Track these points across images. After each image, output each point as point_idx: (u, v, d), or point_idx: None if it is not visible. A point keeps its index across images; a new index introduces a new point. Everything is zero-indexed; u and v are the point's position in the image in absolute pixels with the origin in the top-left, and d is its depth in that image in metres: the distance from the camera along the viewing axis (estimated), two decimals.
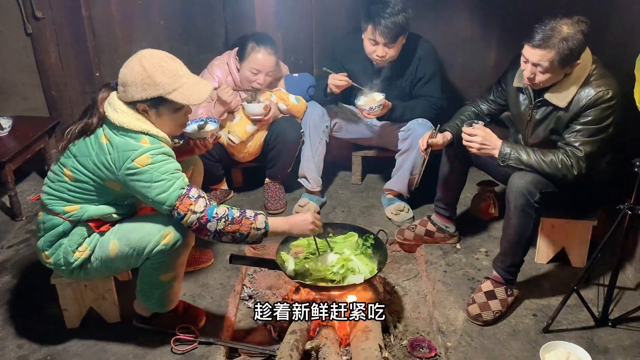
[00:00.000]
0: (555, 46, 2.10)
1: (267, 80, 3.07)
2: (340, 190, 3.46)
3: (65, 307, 2.27)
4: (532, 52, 2.16)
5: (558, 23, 2.13)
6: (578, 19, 2.14)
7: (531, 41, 2.15)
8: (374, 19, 2.78)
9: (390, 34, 2.78)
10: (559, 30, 2.11)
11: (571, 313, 2.35)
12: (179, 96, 1.95)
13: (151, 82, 1.91)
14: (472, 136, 2.30)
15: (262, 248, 2.87)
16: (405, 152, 3.02)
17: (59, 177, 2.02)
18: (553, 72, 2.18)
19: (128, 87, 1.93)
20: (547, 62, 2.14)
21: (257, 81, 3.03)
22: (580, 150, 2.22)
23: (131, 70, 1.92)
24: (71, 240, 2.04)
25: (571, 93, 2.22)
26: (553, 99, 2.26)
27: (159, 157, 1.93)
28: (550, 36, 2.11)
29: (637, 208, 2.07)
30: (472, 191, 3.15)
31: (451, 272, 2.66)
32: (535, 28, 2.16)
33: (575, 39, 2.10)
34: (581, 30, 2.12)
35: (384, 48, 2.84)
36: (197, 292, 2.54)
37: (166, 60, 1.96)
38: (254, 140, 3.13)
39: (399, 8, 2.77)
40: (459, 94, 3.60)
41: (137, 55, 1.95)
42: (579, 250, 2.61)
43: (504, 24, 3.44)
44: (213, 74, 3.10)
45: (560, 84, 2.24)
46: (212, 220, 1.93)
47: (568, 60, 2.14)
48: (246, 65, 3.01)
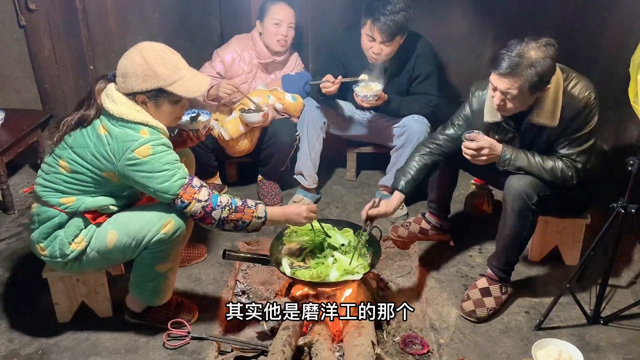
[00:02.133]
0: (522, 74, 2.00)
1: (291, 34, 3.14)
2: (335, 186, 3.46)
3: (57, 301, 2.26)
4: (500, 81, 2.06)
5: (525, 47, 2.01)
6: (546, 42, 2.03)
7: (497, 69, 2.04)
8: (373, 15, 2.77)
9: (388, 31, 2.77)
10: (527, 56, 2.00)
11: (563, 311, 2.36)
12: (178, 88, 1.97)
13: (152, 73, 1.92)
14: (478, 150, 2.20)
15: (255, 244, 2.86)
16: (400, 148, 3.01)
17: (54, 168, 2.01)
18: (523, 98, 2.09)
19: (128, 78, 1.93)
20: (515, 90, 2.04)
21: (280, 32, 3.09)
22: (579, 162, 2.22)
23: (132, 62, 1.93)
24: (67, 232, 2.03)
25: (558, 108, 2.14)
26: (541, 120, 2.16)
27: (160, 147, 1.94)
28: (518, 63, 2.00)
29: (630, 207, 2.08)
30: (466, 189, 3.15)
31: (444, 269, 2.66)
32: (501, 54, 2.04)
33: (543, 64, 2.00)
34: (550, 55, 2.02)
35: (380, 45, 2.83)
36: (190, 287, 2.53)
37: (166, 52, 1.98)
38: (246, 138, 3.12)
39: (400, 7, 2.76)
40: (455, 91, 3.61)
41: (137, 47, 1.96)
42: (572, 249, 2.62)
43: (499, 20, 3.44)
44: (230, 46, 3.21)
45: (541, 103, 2.14)
46: (217, 208, 1.98)
47: (537, 86, 2.05)
48: (268, 20, 3.10)
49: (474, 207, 3.06)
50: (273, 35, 3.11)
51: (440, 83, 3.17)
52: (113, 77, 2.01)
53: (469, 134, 2.24)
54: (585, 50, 3.19)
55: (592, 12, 3.11)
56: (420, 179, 2.40)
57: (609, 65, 2.99)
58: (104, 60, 3.46)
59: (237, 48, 3.20)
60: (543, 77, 2.03)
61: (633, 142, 2.82)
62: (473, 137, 2.22)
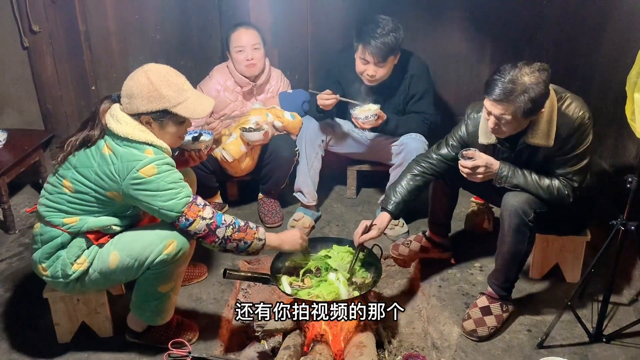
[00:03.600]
0: (516, 100, 2.00)
1: (257, 55, 3.11)
2: (335, 204, 3.47)
3: (58, 322, 2.25)
4: (493, 106, 2.07)
5: (518, 73, 2.01)
6: (540, 67, 2.03)
7: (491, 95, 2.04)
8: (364, 39, 2.81)
9: (380, 53, 2.81)
10: (520, 82, 2.00)
11: (565, 329, 2.35)
12: (183, 110, 2.00)
13: (157, 95, 1.95)
14: (474, 168, 2.22)
15: (256, 262, 2.86)
16: (399, 166, 3.02)
17: (58, 188, 2.03)
18: (517, 123, 2.10)
19: (134, 99, 1.96)
20: (509, 116, 2.05)
21: (245, 58, 3.08)
22: (575, 181, 2.23)
23: (138, 83, 1.96)
24: (70, 252, 2.03)
25: (553, 128, 2.15)
26: (537, 140, 2.17)
27: (164, 167, 1.96)
28: (511, 90, 2.00)
29: (629, 224, 2.08)
30: (467, 207, 3.16)
31: (446, 287, 2.65)
32: (495, 80, 2.04)
33: (537, 90, 2.00)
34: (543, 80, 2.01)
35: (374, 67, 2.87)
36: (191, 307, 2.52)
37: (172, 74, 2.01)
38: (248, 157, 3.14)
39: (390, 28, 2.80)
40: (453, 110, 3.64)
41: (143, 69, 2.00)
42: (573, 266, 2.62)
43: (498, 39, 3.49)
44: (213, 77, 3.19)
45: (536, 124, 2.15)
46: (221, 226, 2.00)
47: (531, 112, 2.05)
48: (233, 50, 3.11)
49: (474, 225, 3.07)
50: (240, 62, 3.10)
51: (439, 101, 3.21)
52: (118, 98, 2.04)
53: (467, 151, 2.25)
54: (582, 68, 3.23)
55: (588, 31, 3.15)
56: (411, 200, 2.43)
57: (605, 83, 3.02)
58: (106, 80, 3.50)
59: (220, 79, 3.19)
60: (537, 103, 2.04)
61: (631, 160, 2.84)
62: (470, 154, 2.24)
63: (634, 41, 2.57)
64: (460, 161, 2.24)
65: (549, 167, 2.26)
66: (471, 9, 3.47)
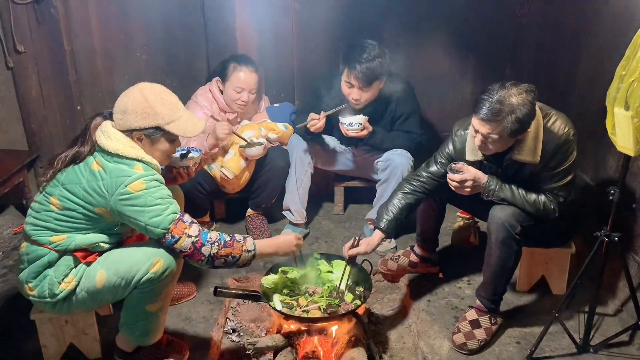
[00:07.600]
0: (503, 120, 2.05)
1: (251, 98, 3.11)
2: (323, 220, 3.48)
3: (45, 344, 2.22)
4: (481, 125, 2.12)
5: (506, 94, 2.06)
6: (527, 88, 2.08)
7: (479, 114, 2.10)
8: (350, 63, 2.85)
9: (364, 78, 2.84)
10: (507, 103, 2.05)
11: (554, 340, 2.38)
12: (175, 127, 2.03)
13: (151, 111, 1.98)
14: (462, 181, 2.25)
15: (245, 280, 2.85)
16: (385, 181, 3.06)
17: (45, 206, 2.01)
18: (504, 141, 2.16)
19: (127, 115, 1.98)
20: (496, 135, 2.10)
21: (241, 99, 3.07)
22: (560, 196, 2.27)
23: (132, 99, 1.99)
24: (57, 271, 2.01)
25: (539, 145, 2.19)
26: (523, 157, 2.21)
27: (153, 182, 1.97)
28: (499, 110, 2.05)
29: (613, 235, 2.12)
30: (453, 221, 3.19)
31: (435, 301, 2.67)
32: (483, 99, 2.09)
33: (523, 111, 2.06)
34: (529, 101, 2.07)
35: (359, 91, 2.90)
36: (181, 326, 2.50)
37: (166, 93, 2.07)
38: (246, 172, 3.15)
39: (375, 54, 2.83)
40: (436, 127, 3.69)
41: (137, 87, 2.03)
42: (559, 278, 2.66)
43: (479, 56, 3.56)
44: (199, 104, 3.14)
45: (522, 142, 2.19)
46: (206, 244, 1.99)
47: (518, 131, 2.11)
48: (230, 85, 3.07)
49: (461, 239, 3.10)
50: (233, 100, 3.08)
51: (424, 119, 3.25)
52: (109, 115, 2.05)
53: (455, 164, 2.29)
54: (561, 84, 3.31)
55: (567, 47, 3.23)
56: (403, 218, 2.45)
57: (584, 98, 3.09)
58: (92, 100, 3.48)
59: (206, 103, 3.13)
60: (523, 123, 2.09)
61: (612, 173, 2.90)
62: (459, 167, 2.28)
63: (612, 57, 2.64)
64: (449, 174, 2.28)
65: (535, 183, 2.30)
66: (454, 28, 3.54)
